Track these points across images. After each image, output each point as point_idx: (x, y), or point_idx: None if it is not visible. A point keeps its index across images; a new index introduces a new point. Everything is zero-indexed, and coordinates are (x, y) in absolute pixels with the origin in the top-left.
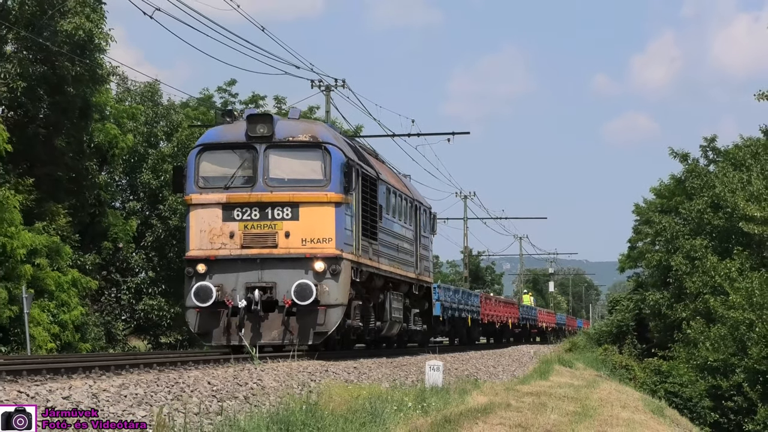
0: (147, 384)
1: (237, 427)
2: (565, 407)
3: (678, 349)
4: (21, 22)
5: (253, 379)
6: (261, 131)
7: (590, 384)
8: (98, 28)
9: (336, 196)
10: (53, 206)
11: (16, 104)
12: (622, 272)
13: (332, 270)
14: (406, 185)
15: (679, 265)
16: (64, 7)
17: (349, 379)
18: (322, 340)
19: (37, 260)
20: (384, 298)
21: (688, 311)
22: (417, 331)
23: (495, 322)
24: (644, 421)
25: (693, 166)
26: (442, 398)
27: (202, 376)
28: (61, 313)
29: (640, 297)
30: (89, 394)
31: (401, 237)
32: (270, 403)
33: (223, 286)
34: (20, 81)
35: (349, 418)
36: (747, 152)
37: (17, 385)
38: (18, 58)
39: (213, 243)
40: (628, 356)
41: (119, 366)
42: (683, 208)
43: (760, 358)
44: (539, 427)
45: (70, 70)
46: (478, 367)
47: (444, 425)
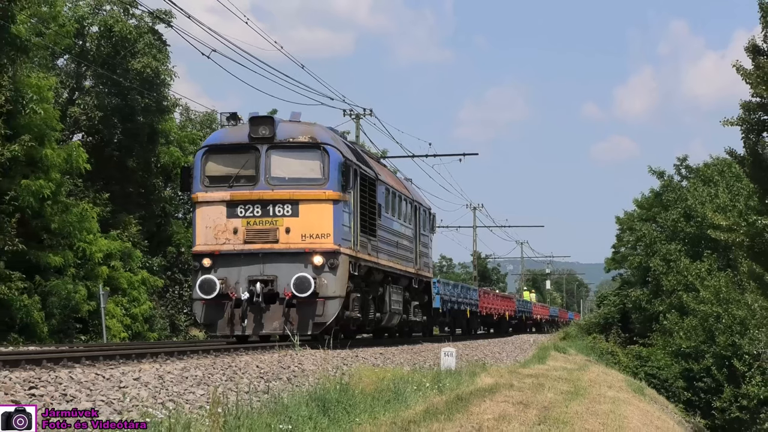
0: (205, 367)
1: (281, 404)
2: (560, 387)
3: (656, 338)
4: (98, 61)
5: (294, 363)
6: (263, 133)
7: (581, 367)
8: (163, 66)
9: (334, 194)
10: (125, 217)
11: (94, 131)
12: (608, 272)
13: (330, 264)
14: (407, 187)
15: (657, 266)
16: (135, 48)
17: (375, 364)
18: (320, 331)
19: (112, 262)
20: (384, 291)
21: (664, 305)
22: (417, 322)
23: (493, 314)
24: (627, 399)
25: (668, 181)
26: (455, 379)
27: (251, 360)
28: (132, 308)
29: (624, 293)
30: (156, 375)
31: (400, 234)
32: (309, 383)
33: (227, 279)
34: (97, 111)
35: (376, 397)
36: (714, 170)
37: (95, 368)
38: (95, 92)
39: (218, 238)
40: (613, 344)
41: (181, 352)
42: (660, 217)
43: (726, 345)
44: (538, 404)
45: (139, 101)
46: (485, 353)
47: (457, 402)
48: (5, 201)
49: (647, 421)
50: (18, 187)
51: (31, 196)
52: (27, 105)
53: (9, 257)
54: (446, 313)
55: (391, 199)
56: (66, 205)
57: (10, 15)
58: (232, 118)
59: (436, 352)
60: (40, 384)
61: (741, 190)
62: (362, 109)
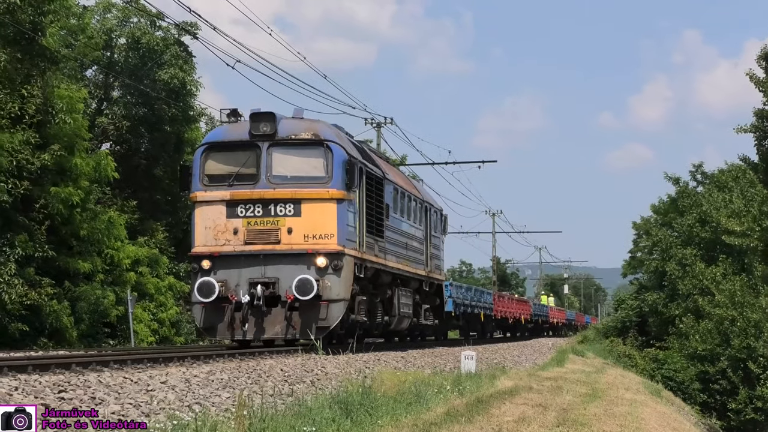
0: (230, 371)
1: (305, 407)
2: (578, 390)
3: (672, 341)
4: (126, 72)
5: (317, 366)
6: (264, 129)
7: (599, 370)
8: (189, 77)
9: (338, 192)
10: (153, 224)
11: (122, 140)
12: (625, 277)
13: (334, 265)
14: (417, 187)
15: (673, 270)
16: (161, 59)
17: (397, 367)
18: (324, 335)
19: (140, 269)
20: (392, 293)
21: (680, 309)
22: (428, 326)
23: (508, 318)
24: (644, 401)
25: (684, 188)
26: (475, 382)
27: (275, 364)
28: (160, 312)
29: (641, 297)
30: (183, 379)
31: (410, 235)
32: (332, 386)
33: (227, 282)
34: (125, 121)
35: (398, 399)
36: (729, 176)
37: (123, 372)
38: (123, 102)
39: (217, 239)
40: (630, 347)
41: (208, 356)
42: (676, 222)
43: (741, 348)
44: (557, 406)
45: (166, 111)
46: (505, 357)
47: (477, 405)
48: (35, 208)
49: (664, 423)
50: (48, 194)
51: (60, 204)
52: (57, 115)
53: (39, 263)
54: (459, 317)
55: (399, 199)
56: (95, 213)
57: (40, 28)
58: (232, 115)
59: (456, 356)
60: (69, 387)
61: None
62: (383, 118)
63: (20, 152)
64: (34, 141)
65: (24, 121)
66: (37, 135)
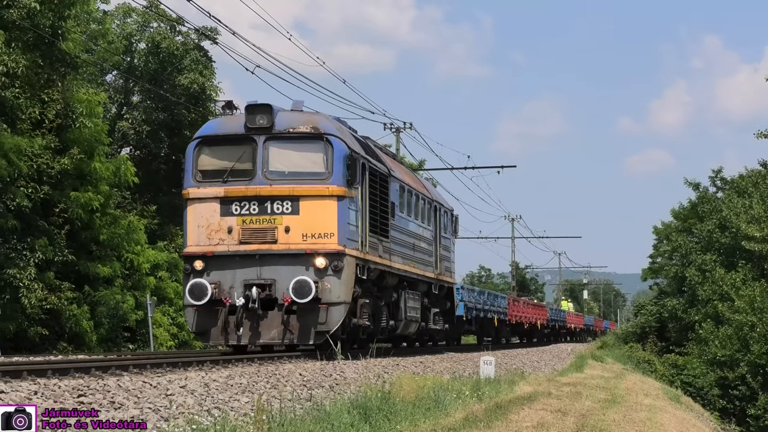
0: (249, 375)
1: (324, 412)
2: (598, 395)
3: (692, 347)
4: (145, 77)
5: (336, 371)
6: (260, 122)
7: (618, 376)
8: (209, 82)
9: (338, 189)
10: (172, 228)
11: (142, 144)
12: (645, 281)
13: (334, 266)
14: (426, 186)
15: (693, 276)
16: (181, 64)
17: (416, 372)
18: (323, 340)
19: (159, 273)
20: (398, 296)
21: (700, 315)
22: (438, 330)
23: (523, 323)
24: (663, 407)
25: (703, 193)
26: (494, 388)
27: (294, 368)
28: (179, 317)
29: (660, 303)
30: (202, 383)
31: (418, 236)
32: (351, 391)
33: (221, 284)
34: (145, 125)
35: (417, 404)
36: (749, 182)
37: (142, 376)
38: (143, 106)
39: (211, 239)
40: (650, 352)
41: (227, 361)
42: (695, 228)
43: (761, 353)
44: (576, 412)
45: (186, 116)
46: (524, 362)
47: (496, 411)
48: (55, 213)
49: (683, 429)
50: (68, 199)
51: (80, 209)
52: (77, 119)
53: (59, 267)
54: (472, 321)
55: (406, 197)
56: (114, 217)
57: (60, 32)
58: (227, 107)
59: (475, 361)
60: (88, 392)
61: None
62: (402, 123)
63: (40, 156)
64: (53, 145)
65: (44, 125)
66: (57, 139)
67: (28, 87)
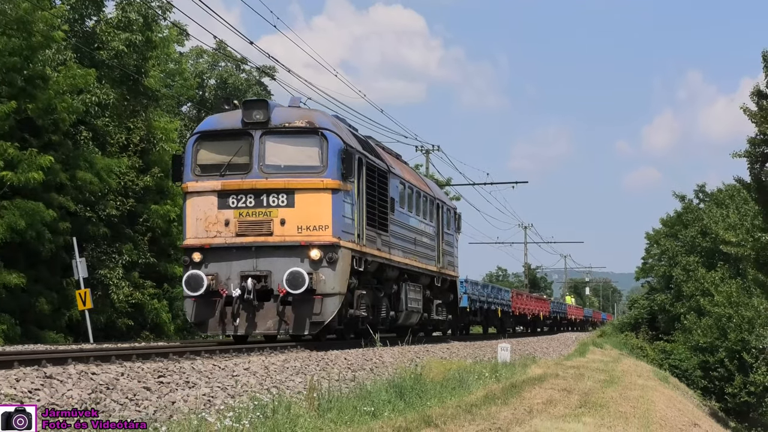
0: (302, 360)
1: (365, 390)
2: (598, 377)
3: (678, 335)
4: (215, 108)
5: (376, 356)
6: (257, 117)
7: (615, 360)
8: None
9: (333, 182)
10: None
11: None
12: (638, 280)
13: (329, 258)
14: (428, 185)
15: (678, 275)
16: (245, 97)
17: (443, 357)
18: (318, 330)
19: None
20: (399, 288)
21: (685, 308)
22: (441, 321)
23: (527, 314)
24: (654, 386)
25: (688, 204)
26: (510, 370)
27: (340, 354)
28: None
29: (651, 298)
30: (262, 366)
31: (419, 231)
32: (388, 373)
33: (218, 275)
34: None
35: (444, 384)
36: (726, 195)
37: (212, 360)
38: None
39: (208, 231)
40: (642, 340)
41: (283, 347)
42: (681, 234)
43: (737, 341)
44: (579, 390)
45: None
46: (534, 348)
47: (511, 389)
48: (139, 222)
49: (671, 405)
50: (149, 211)
51: (159, 219)
52: (157, 144)
53: (142, 268)
54: (476, 312)
55: (407, 194)
56: None
57: (143, 71)
58: (226, 103)
59: (494, 347)
60: (167, 373)
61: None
62: (431, 146)
63: (126, 175)
64: (138, 165)
65: (129, 148)
66: (141, 160)
67: (117, 116)
